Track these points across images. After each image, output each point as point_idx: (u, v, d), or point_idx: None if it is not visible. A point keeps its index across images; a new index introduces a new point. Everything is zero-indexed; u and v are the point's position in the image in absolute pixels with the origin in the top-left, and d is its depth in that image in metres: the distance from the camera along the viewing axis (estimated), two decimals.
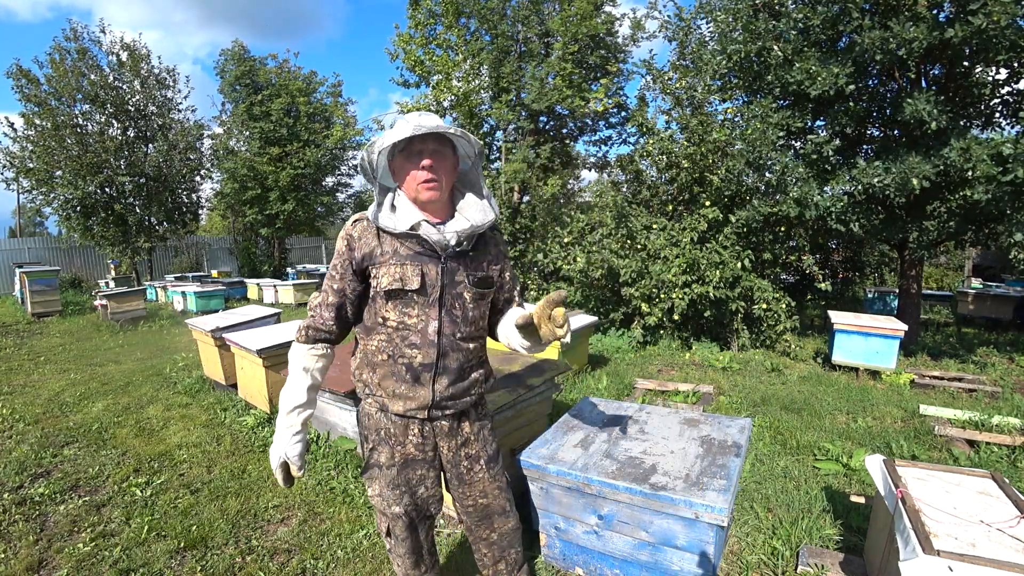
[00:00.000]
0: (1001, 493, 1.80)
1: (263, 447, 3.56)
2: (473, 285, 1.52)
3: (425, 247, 1.45)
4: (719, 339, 6.66)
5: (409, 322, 1.48)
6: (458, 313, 1.51)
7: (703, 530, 1.79)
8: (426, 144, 1.41)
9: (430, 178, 1.41)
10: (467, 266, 1.51)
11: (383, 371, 1.52)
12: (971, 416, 3.75)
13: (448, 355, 1.51)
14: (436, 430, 1.58)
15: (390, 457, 1.57)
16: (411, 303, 1.47)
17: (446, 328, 1.49)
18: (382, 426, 1.57)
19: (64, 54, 13.01)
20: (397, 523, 1.61)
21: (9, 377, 5.72)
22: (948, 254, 14.38)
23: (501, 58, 10.01)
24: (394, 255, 1.45)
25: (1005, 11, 4.27)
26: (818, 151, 5.54)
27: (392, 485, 1.58)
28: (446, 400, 1.53)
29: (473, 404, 1.64)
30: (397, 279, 1.44)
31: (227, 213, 20.58)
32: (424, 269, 1.45)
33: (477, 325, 1.57)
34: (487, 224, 1.50)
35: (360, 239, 1.48)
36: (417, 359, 1.49)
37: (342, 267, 1.50)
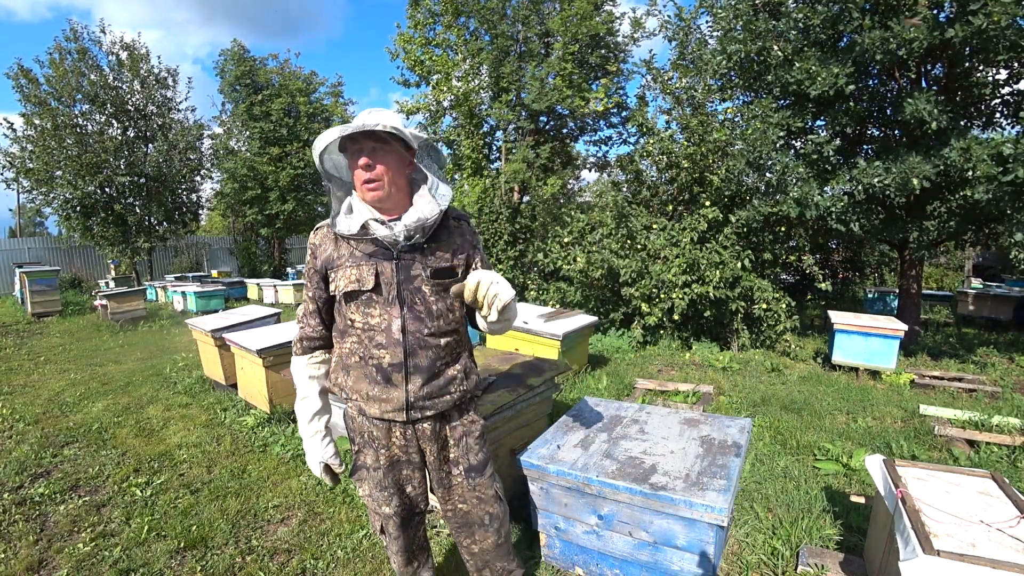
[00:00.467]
0: (1001, 493, 1.80)
1: (263, 447, 3.56)
2: (431, 277, 1.49)
3: (378, 245, 1.45)
4: (719, 339, 6.66)
5: (373, 322, 1.47)
6: (420, 308, 1.48)
7: (703, 530, 1.79)
8: (361, 143, 1.38)
9: (369, 178, 1.39)
10: (424, 259, 1.48)
11: (356, 373, 1.52)
12: (971, 416, 3.75)
13: (416, 353, 1.48)
14: (418, 433, 1.56)
15: (375, 460, 1.57)
16: (371, 303, 1.46)
17: (410, 325, 1.47)
18: (365, 429, 1.57)
19: (64, 54, 13.01)
20: (389, 522, 1.63)
21: (9, 377, 5.72)
22: (948, 254, 14.38)
23: (501, 58, 10.01)
24: (350, 257, 1.46)
25: (1005, 11, 4.27)
26: (818, 151, 5.54)
27: (380, 487, 1.58)
28: (422, 400, 1.50)
29: (455, 405, 1.59)
30: (353, 280, 1.45)
31: (227, 213, 20.58)
32: (379, 268, 1.45)
33: (445, 319, 1.53)
34: (434, 216, 1.45)
35: (320, 246, 1.52)
36: (385, 359, 1.47)
37: (309, 275, 1.55)
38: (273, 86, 17.19)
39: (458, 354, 1.59)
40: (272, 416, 3.99)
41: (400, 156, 1.44)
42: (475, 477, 1.62)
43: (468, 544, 1.70)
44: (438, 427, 1.57)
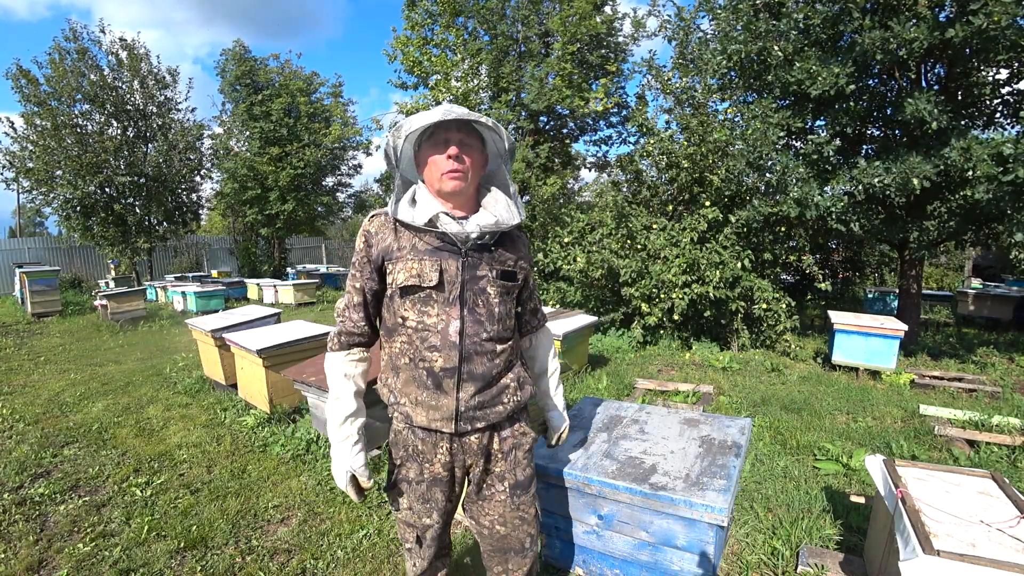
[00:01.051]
0: (1001, 493, 1.80)
1: (263, 447, 3.56)
2: (497, 278, 1.42)
3: (445, 241, 1.37)
4: (719, 339, 6.66)
5: (429, 322, 1.37)
6: (482, 311, 1.40)
7: (703, 530, 1.79)
8: (454, 133, 1.34)
9: (455, 168, 1.33)
10: (490, 260, 1.41)
11: (405, 375, 1.42)
12: (971, 416, 3.75)
13: (472, 359, 1.38)
14: (465, 447, 1.45)
15: (419, 474, 1.47)
16: (430, 301, 1.37)
17: (469, 328, 1.38)
18: (409, 443, 1.47)
19: (64, 54, 13.00)
20: (428, 532, 1.53)
21: (9, 377, 5.72)
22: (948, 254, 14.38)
23: (500, 58, 10.01)
24: (411, 250, 1.37)
25: (1005, 11, 4.27)
26: (818, 151, 5.54)
27: (423, 499, 1.49)
28: (473, 411, 1.41)
29: (508, 416, 1.48)
30: (414, 275, 1.35)
31: (227, 213, 20.57)
32: (443, 264, 1.36)
33: (504, 324, 1.45)
34: (513, 224, 1.42)
35: (377, 234, 1.41)
36: (438, 363, 1.37)
37: (360, 264, 1.44)
38: (273, 86, 17.20)
39: (512, 362, 1.50)
40: (272, 416, 3.99)
41: (481, 156, 1.42)
42: (520, 495, 1.51)
43: (498, 572, 1.59)
44: (486, 440, 1.47)
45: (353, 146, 18.43)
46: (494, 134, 1.39)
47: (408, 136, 1.35)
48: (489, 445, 1.48)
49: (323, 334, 4.32)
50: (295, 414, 4.05)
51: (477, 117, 1.31)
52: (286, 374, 3.62)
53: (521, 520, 1.52)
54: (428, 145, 1.37)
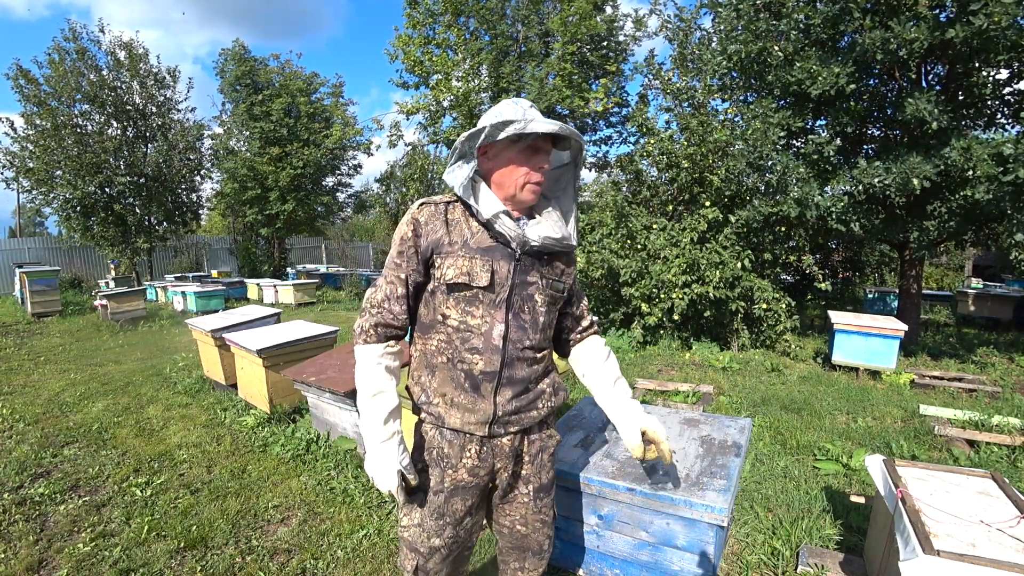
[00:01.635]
0: (1001, 493, 1.80)
1: (263, 447, 3.56)
2: (547, 287, 1.39)
3: (499, 241, 1.31)
4: (719, 339, 6.66)
5: (472, 323, 1.32)
6: (526, 318, 1.36)
7: (703, 530, 1.79)
8: (544, 145, 1.30)
9: (540, 180, 1.31)
10: (541, 268, 1.38)
11: (442, 375, 1.36)
12: (971, 416, 3.75)
13: (513, 364, 1.35)
14: (495, 450, 1.39)
15: (439, 482, 1.38)
16: (476, 301, 1.31)
17: (512, 334, 1.33)
18: (435, 446, 1.39)
19: (63, 54, 13.01)
20: (434, 556, 1.40)
21: (9, 377, 5.72)
22: (948, 254, 14.39)
23: (501, 58, 10.02)
24: (463, 246, 1.31)
25: (1006, 11, 4.27)
26: (819, 151, 5.54)
27: (436, 514, 1.38)
28: (509, 415, 1.36)
29: (541, 420, 1.46)
30: (464, 272, 1.29)
31: (227, 213, 20.58)
32: (495, 265, 1.31)
33: (545, 334, 1.43)
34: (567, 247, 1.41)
35: (428, 224, 1.33)
36: (478, 366, 1.33)
37: (407, 255, 1.35)
38: (274, 86, 17.20)
39: (548, 368, 1.48)
40: (272, 416, 3.99)
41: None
42: (543, 498, 1.49)
43: (515, 568, 1.56)
44: (517, 443, 1.42)
45: (353, 146, 18.44)
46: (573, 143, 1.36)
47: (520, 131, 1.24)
48: (520, 448, 1.44)
49: (323, 334, 4.32)
50: (295, 414, 4.05)
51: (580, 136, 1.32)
52: (286, 374, 3.62)
53: (542, 523, 1.50)
54: (513, 146, 1.29)
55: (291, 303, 11.57)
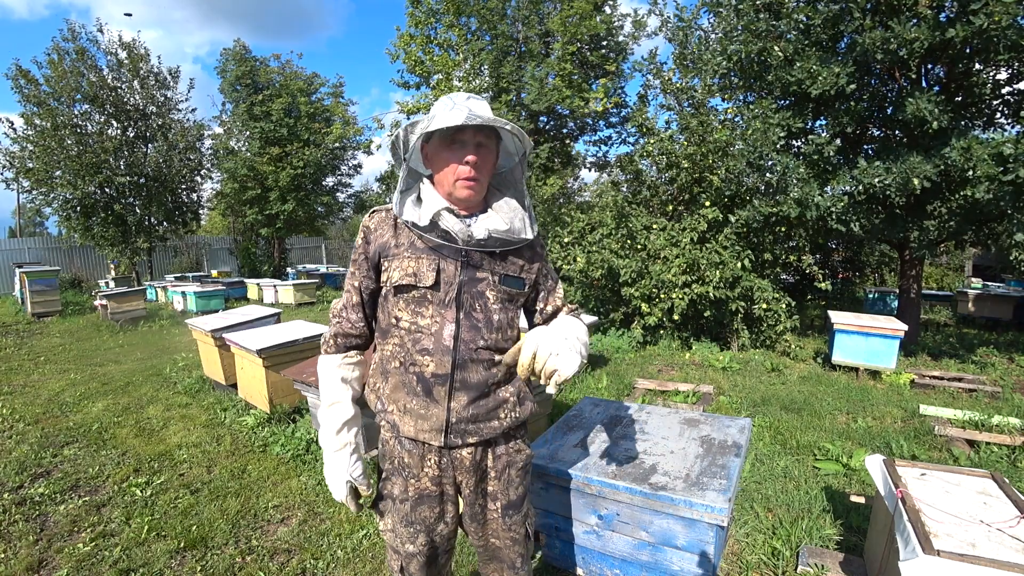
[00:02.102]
0: (1001, 493, 1.80)
1: (263, 447, 3.56)
2: (499, 283, 1.34)
3: (446, 239, 1.29)
4: (719, 339, 6.66)
5: (422, 323, 1.30)
6: (479, 317, 1.31)
7: (703, 530, 1.79)
8: (470, 136, 1.25)
9: (472, 175, 1.25)
10: (493, 263, 1.33)
11: (395, 380, 1.35)
12: (971, 416, 3.75)
13: (467, 367, 1.30)
14: (455, 462, 1.36)
15: (403, 490, 1.38)
16: (425, 302, 1.30)
17: (464, 334, 1.29)
18: (396, 454, 1.38)
19: (63, 54, 13.01)
20: (412, 561, 1.41)
21: (9, 377, 5.72)
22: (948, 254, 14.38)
23: (501, 58, 10.02)
24: (410, 247, 1.30)
25: (1006, 11, 4.27)
26: (819, 151, 5.54)
27: (406, 522, 1.38)
28: (465, 423, 1.31)
29: (504, 433, 1.39)
30: (409, 273, 1.28)
31: (227, 213, 20.58)
32: (441, 264, 1.29)
33: (504, 334, 1.36)
34: (525, 240, 1.35)
35: (376, 230, 1.35)
36: (429, 368, 1.29)
37: (359, 262, 1.37)
38: (274, 86, 17.20)
39: (512, 374, 1.39)
40: (272, 416, 3.99)
41: (494, 159, 1.34)
42: (512, 515, 1.43)
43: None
44: (479, 457, 1.37)
45: (353, 146, 18.44)
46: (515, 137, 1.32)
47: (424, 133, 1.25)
48: (483, 461, 1.39)
49: (323, 334, 4.32)
50: (295, 414, 4.05)
51: (503, 123, 1.22)
52: (286, 374, 3.62)
53: (512, 541, 1.45)
54: (442, 143, 1.27)
55: (291, 303, 11.57)
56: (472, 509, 1.43)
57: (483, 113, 1.23)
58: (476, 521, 1.45)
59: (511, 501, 1.42)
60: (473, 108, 1.24)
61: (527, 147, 1.33)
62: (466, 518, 1.46)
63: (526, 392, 1.43)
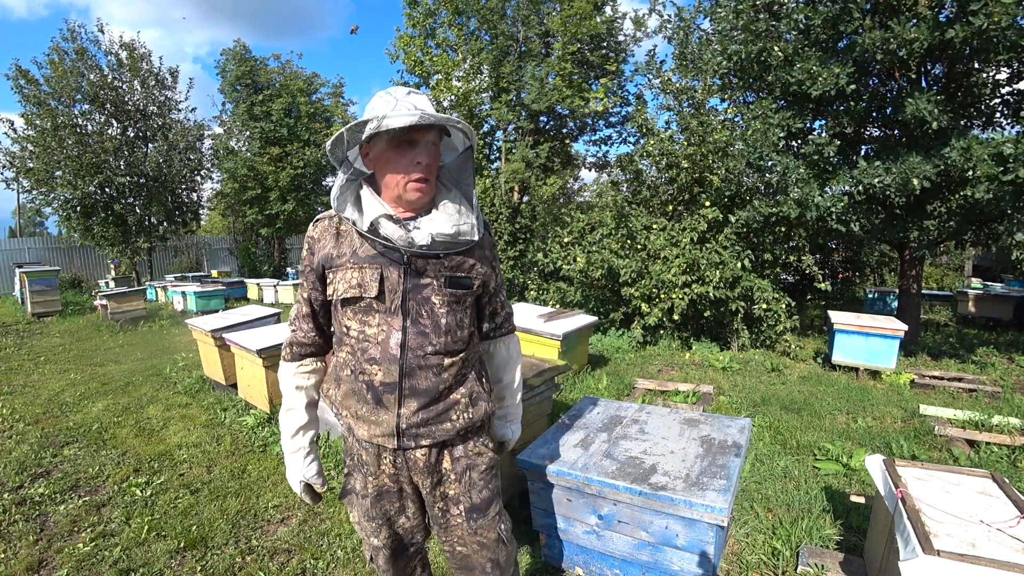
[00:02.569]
0: (1001, 493, 1.80)
1: (263, 447, 3.56)
2: (445, 286, 1.29)
3: (387, 247, 1.24)
4: (719, 339, 6.66)
5: (369, 333, 1.28)
6: (426, 323, 1.28)
7: (703, 530, 1.79)
8: (425, 135, 1.20)
9: (423, 177, 1.21)
10: (438, 266, 1.29)
11: (346, 387, 1.34)
12: (971, 416, 3.75)
13: (415, 374, 1.28)
14: (410, 463, 1.36)
15: (363, 486, 1.40)
16: (371, 311, 1.27)
17: (411, 341, 1.27)
18: (355, 451, 1.40)
19: (63, 54, 13.01)
20: (379, 554, 1.45)
21: (9, 377, 5.72)
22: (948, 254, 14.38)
23: (501, 58, 10.02)
24: (352, 256, 1.27)
25: (1006, 11, 4.27)
26: (818, 151, 5.54)
27: (368, 516, 1.41)
28: (416, 427, 1.30)
29: (459, 433, 1.36)
30: (354, 285, 1.25)
31: (227, 213, 20.58)
32: (384, 272, 1.25)
33: (453, 335, 1.31)
34: (472, 241, 1.31)
35: (319, 241, 1.34)
36: (377, 376, 1.28)
37: (305, 273, 1.37)
38: (274, 86, 17.20)
39: (464, 376, 1.37)
40: (272, 416, 3.99)
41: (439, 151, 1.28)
42: (477, 519, 1.39)
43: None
44: (434, 458, 1.35)
45: None
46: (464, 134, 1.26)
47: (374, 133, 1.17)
48: (439, 463, 1.37)
49: None
50: None
51: (456, 121, 1.19)
52: None
53: (480, 545, 1.41)
54: (389, 144, 1.20)
55: (291, 303, 11.57)
56: (433, 512, 1.42)
57: (429, 110, 1.18)
58: (439, 526, 1.43)
59: (475, 504, 1.39)
60: (418, 104, 1.18)
61: (473, 141, 1.29)
62: (434, 526, 1.45)
63: (479, 392, 1.40)
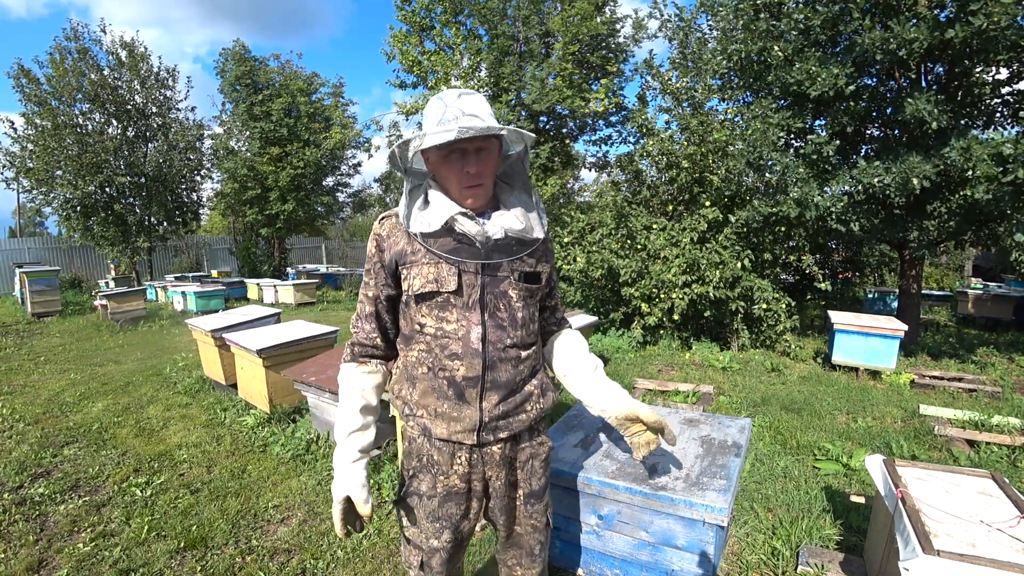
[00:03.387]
0: (1001, 493, 1.80)
1: (263, 447, 3.56)
2: (520, 280, 1.33)
3: (462, 242, 1.27)
4: (719, 339, 6.66)
5: (448, 329, 1.29)
6: (503, 316, 1.32)
7: (703, 530, 1.79)
8: (471, 143, 1.22)
9: (475, 183, 1.25)
10: (511, 261, 1.32)
11: (423, 386, 1.34)
12: (971, 416, 3.75)
13: (496, 367, 1.31)
14: (486, 458, 1.37)
15: (431, 487, 1.38)
16: (448, 307, 1.29)
17: (491, 335, 1.30)
18: (425, 452, 1.38)
19: (64, 54, 13.02)
20: (434, 556, 1.42)
21: (9, 377, 5.72)
22: (948, 254, 14.38)
23: (501, 58, 10.01)
24: (427, 253, 1.28)
25: (1005, 11, 4.27)
26: (818, 151, 5.54)
27: (433, 517, 1.39)
28: (497, 420, 1.33)
29: (532, 424, 1.41)
30: (431, 280, 1.27)
31: (227, 213, 20.58)
32: (461, 267, 1.27)
33: (528, 329, 1.37)
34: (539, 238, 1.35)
35: (389, 237, 1.33)
36: (460, 372, 1.30)
37: (374, 271, 1.36)
38: (274, 86, 17.20)
39: (535, 368, 1.43)
40: (272, 416, 3.99)
41: (497, 157, 1.31)
42: (533, 504, 1.47)
43: (512, 565, 1.57)
44: (508, 450, 1.40)
45: (353, 145, 18.46)
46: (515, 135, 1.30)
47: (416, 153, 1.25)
48: (511, 455, 1.42)
49: (323, 334, 4.32)
50: (295, 414, 4.05)
51: (498, 128, 1.20)
52: (286, 374, 3.62)
53: (532, 528, 1.49)
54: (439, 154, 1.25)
55: (291, 303, 11.57)
56: (502, 501, 1.45)
57: (477, 112, 1.21)
58: (504, 512, 1.47)
59: (533, 490, 1.46)
60: (466, 109, 1.21)
61: (527, 140, 1.31)
62: (496, 509, 1.48)
63: (547, 383, 1.47)
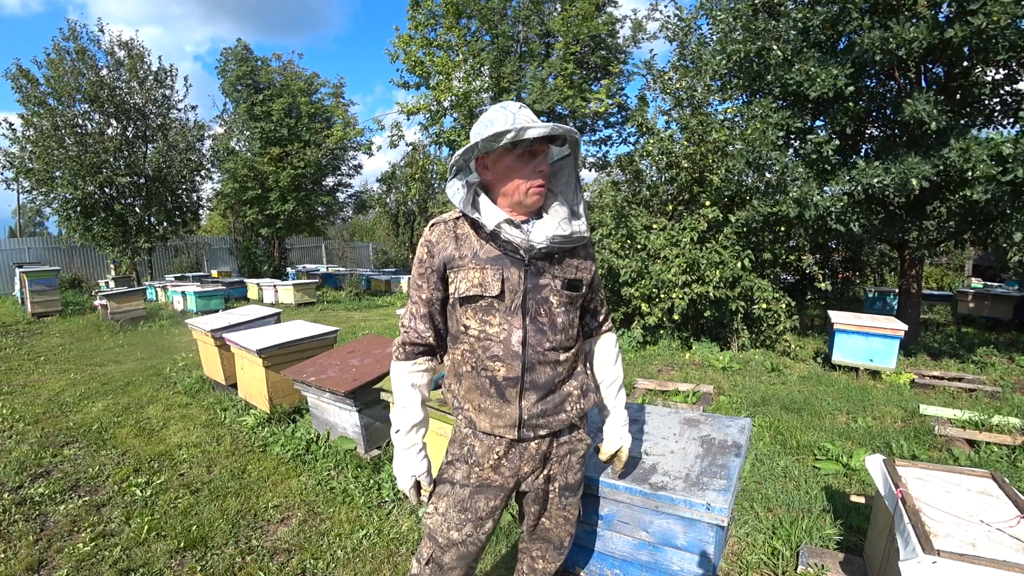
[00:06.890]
0: (1001, 493, 1.80)
1: (263, 447, 3.56)
2: (562, 288, 1.40)
3: (507, 250, 1.35)
4: (719, 339, 6.66)
5: (491, 331, 1.36)
6: (544, 320, 1.38)
7: (703, 530, 1.79)
8: (543, 145, 1.31)
9: (542, 184, 1.33)
10: (553, 267, 1.39)
11: (468, 382, 1.43)
12: (971, 416, 3.75)
13: (535, 369, 1.38)
14: (523, 453, 1.44)
15: (466, 476, 1.44)
16: (491, 310, 1.36)
17: (531, 338, 1.36)
18: (468, 443, 1.45)
19: (63, 54, 13.00)
20: (450, 550, 1.44)
21: (9, 377, 5.72)
22: (948, 254, 14.39)
23: (502, 58, 10.02)
24: (473, 258, 1.36)
25: (1005, 11, 4.28)
26: (818, 151, 5.54)
27: (460, 507, 1.44)
28: (536, 418, 1.40)
29: (569, 425, 1.48)
30: (476, 284, 1.34)
31: (227, 213, 20.59)
32: (505, 273, 1.34)
33: (567, 333, 1.43)
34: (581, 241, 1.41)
35: (439, 243, 1.40)
36: (500, 372, 1.37)
37: (426, 275, 1.43)
38: (275, 86, 17.21)
39: (575, 369, 1.49)
40: (272, 416, 3.99)
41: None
42: (568, 496, 1.54)
43: (535, 556, 1.62)
44: (545, 446, 1.47)
45: (354, 147, 18.46)
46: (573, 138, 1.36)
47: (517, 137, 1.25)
48: (548, 450, 1.48)
49: (323, 334, 4.33)
50: (295, 414, 4.05)
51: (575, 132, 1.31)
52: (286, 374, 3.62)
53: (565, 520, 1.56)
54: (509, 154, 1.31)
55: (291, 303, 11.57)
56: (536, 493, 1.52)
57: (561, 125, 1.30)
58: (538, 502, 1.54)
59: (568, 484, 1.53)
60: (531, 117, 1.30)
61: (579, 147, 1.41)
62: (528, 501, 1.55)
63: (589, 384, 1.53)
